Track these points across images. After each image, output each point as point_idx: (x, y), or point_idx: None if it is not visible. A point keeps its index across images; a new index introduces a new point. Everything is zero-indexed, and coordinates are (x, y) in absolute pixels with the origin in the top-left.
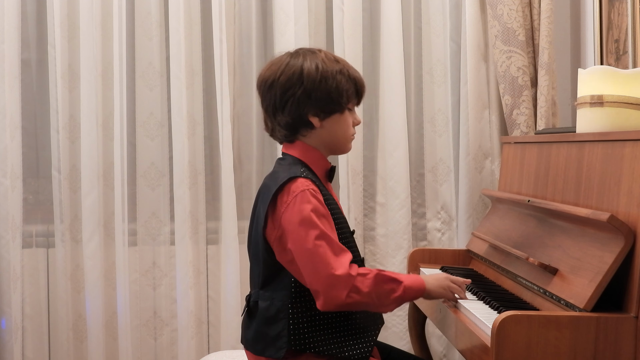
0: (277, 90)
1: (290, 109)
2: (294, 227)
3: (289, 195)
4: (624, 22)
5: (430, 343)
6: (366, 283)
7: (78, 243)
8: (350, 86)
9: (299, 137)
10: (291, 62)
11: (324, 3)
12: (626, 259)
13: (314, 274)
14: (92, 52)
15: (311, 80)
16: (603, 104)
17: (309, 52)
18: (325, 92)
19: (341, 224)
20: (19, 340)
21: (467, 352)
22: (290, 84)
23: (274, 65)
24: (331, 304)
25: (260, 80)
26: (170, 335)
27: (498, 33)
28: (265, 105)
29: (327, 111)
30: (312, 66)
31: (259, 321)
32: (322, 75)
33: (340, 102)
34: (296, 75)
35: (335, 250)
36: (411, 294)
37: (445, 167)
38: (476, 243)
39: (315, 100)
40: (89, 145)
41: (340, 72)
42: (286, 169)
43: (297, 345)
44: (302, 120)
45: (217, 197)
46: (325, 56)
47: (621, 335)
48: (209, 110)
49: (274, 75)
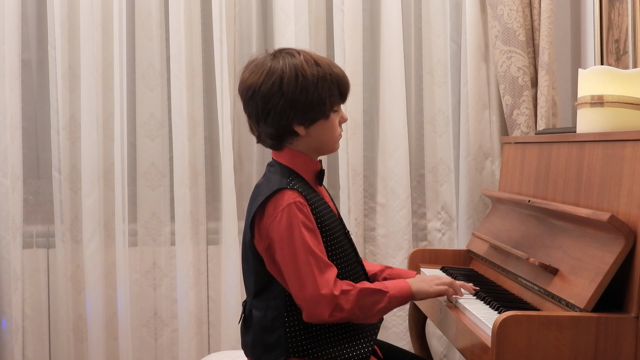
0: (257, 100)
1: (273, 120)
2: (281, 240)
3: (276, 209)
4: (624, 22)
5: (431, 343)
6: (350, 299)
7: (78, 243)
8: (334, 90)
9: (286, 145)
10: (272, 67)
11: (324, 3)
12: (626, 260)
13: (299, 290)
14: (92, 53)
15: (291, 91)
16: (603, 104)
17: (288, 55)
18: (308, 102)
19: (332, 229)
20: (19, 340)
21: (467, 352)
22: (270, 94)
23: (254, 70)
24: (314, 320)
25: (241, 85)
26: (171, 336)
27: (498, 33)
28: (248, 113)
29: (312, 119)
30: (292, 75)
31: (255, 329)
32: (302, 84)
33: (323, 109)
34: (276, 85)
35: (320, 266)
36: (396, 302)
37: (446, 168)
38: (476, 243)
39: (298, 110)
40: (89, 146)
41: (322, 78)
42: (273, 179)
43: (296, 352)
44: (286, 130)
45: (217, 198)
46: (304, 60)
47: (622, 336)
48: (210, 110)
49: (255, 84)
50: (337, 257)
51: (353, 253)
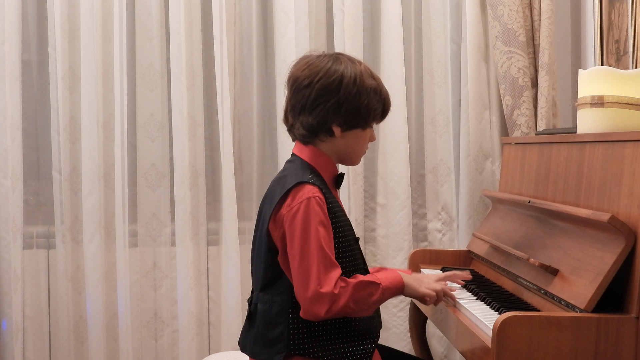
0: (312, 91)
1: (318, 113)
2: (294, 233)
3: (294, 200)
4: (624, 23)
5: (431, 344)
6: (346, 294)
7: (79, 244)
8: (379, 106)
9: (315, 141)
10: (332, 67)
11: (324, 4)
12: (627, 260)
13: (302, 285)
14: (92, 53)
15: (347, 92)
16: (603, 104)
17: (350, 61)
18: (356, 107)
19: (345, 232)
20: (19, 341)
21: (467, 352)
22: (327, 90)
23: (312, 67)
24: (310, 316)
25: (294, 77)
26: (171, 337)
27: (498, 34)
28: (293, 103)
29: (351, 124)
30: (351, 78)
31: (258, 324)
32: (358, 90)
33: (366, 119)
34: (335, 83)
35: (327, 264)
36: (389, 293)
37: (446, 168)
38: (477, 244)
39: (344, 112)
40: (89, 147)
41: (374, 91)
42: (295, 172)
43: (296, 350)
44: (325, 127)
45: (217, 198)
46: (364, 69)
47: (622, 336)
48: (210, 111)
49: (313, 76)
50: (346, 260)
51: (361, 260)
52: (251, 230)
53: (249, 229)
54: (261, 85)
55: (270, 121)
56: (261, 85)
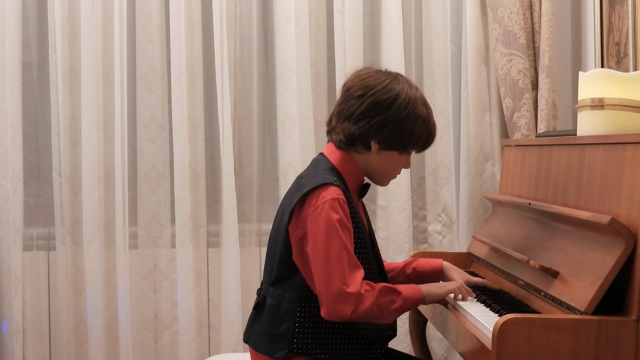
0: (363, 103)
1: (362, 125)
2: (318, 233)
3: (318, 200)
4: (624, 25)
5: (431, 346)
6: (370, 297)
7: (79, 246)
8: (424, 135)
9: (350, 150)
10: (389, 85)
11: (324, 6)
12: (627, 262)
13: (326, 285)
14: (93, 55)
15: (397, 114)
16: (604, 106)
17: (407, 84)
18: (400, 130)
19: (362, 240)
20: (19, 343)
21: (468, 355)
22: (378, 105)
23: (370, 79)
24: (334, 316)
25: (349, 84)
26: (171, 338)
27: (499, 36)
28: (341, 108)
29: (390, 146)
30: (404, 101)
31: (265, 318)
32: (408, 114)
33: (407, 144)
34: (388, 101)
35: (351, 264)
36: (410, 303)
37: (446, 170)
38: (477, 246)
39: (387, 132)
40: (89, 148)
41: (422, 119)
42: (321, 173)
43: (299, 348)
44: (364, 139)
45: (217, 200)
46: (419, 96)
47: (622, 339)
48: (210, 113)
49: (368, 88)
50: None
51: (377, 268)
52: (251, 232)
53: (249, 231)
54: (261, 87)
55: (271, 123)
56: (261, 87)
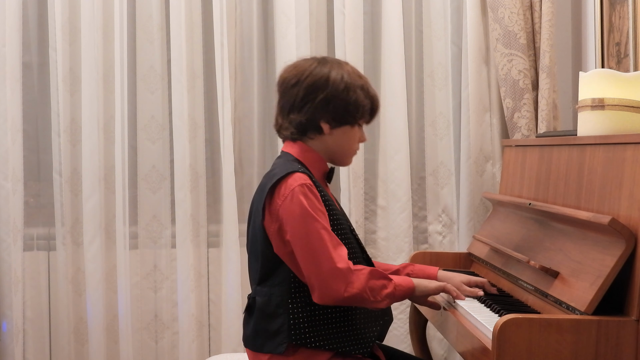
0: (300, 90)
1: (306, 111)
2: (294, 219)
3: (287, 189)
4: (625, 25)
5: (432, 346)
6: (361, 278)
7: (79, 246)
8: (367, 103)
9: (304, 139)
10: (318, 68)
11: (325, 6)
12: (627, 262)
13: (314, 266)
14: (93, 55)
15: (335, 89)
16: (604, 107)
17: (336, 62)
18: (344, 103)
19: (338, 221)
20: (20, 343)
21: (468, 355)
22: (315, 87)
23: (299, 68)
24: (328, 296)
25: (282, 78)
26: (172, 339)
27: (499, 36)
28: (282, 103)
29: (340, 121)
30: (338, 76)
31: (257, 317)
32: (346, 85)
33: (355, 115)
34: (322, 80)
35: (334, 242)
36: (401, 291)
37: (447, 170)
38: (477, 246)
39: (332, 108)
40: (90, 149)
41: (361, 88)
42: (283, 164)
43: (297, 339)
44: (313, 124)
45: (218, 200)
46: (351, 69)
47: (622, 339)
48: (210, 113)
49: (300, 75)
50: None
51: (359, 249)
52: None
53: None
54: (262, 87)
55: (271, 123)
56: (262, 88)
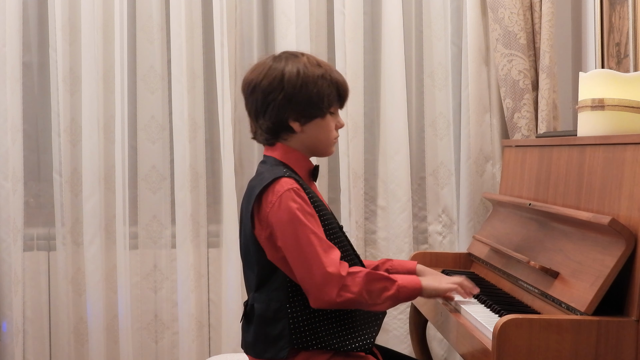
0: (258, 94)
1: (271, 114)
2: (283, 225)
3: (274, 195)
4: (625, 26)
5: (432, 346)
6: (356, 281)
7: (79, 246)
8: (332, 90)
9: (280, 141)
10: (273, 65)
11: (325, 6)
12: (627, 263)
13: (306, 272)
14: (93, 55)
15: (292, 85)
16: (604, 107)
17: (292, 55)
18: (306, 97)
19: (328, 220)
20: (20, 343)
21: (468, 355)
22: (271, 88)
23: (255, 71)
24: (322, 301)
25: (243, 83)
26: (172, 339)
27: (499, 36)
28: (249, 109)
29: (308, 116)
30: (293, 70)
31: (257, 323)
32: (303, 80)
33: (321, 107)
34: (277, 79)
35: (324, 247)
36: (405, 293)
37: (447, 171)
38: (477, 246)
39: (295, 105)
40: (90, 149)
41: (322, 77)
42: (269, 170)
43: (299, 343)
44: (282, 125)
45: (218, 201)
46: (307, 60)
47: (622, 339)
48: (210, 113)
49: (256, 79)
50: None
51: (349, 246)
52: None
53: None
54: None
55: None
56: None
